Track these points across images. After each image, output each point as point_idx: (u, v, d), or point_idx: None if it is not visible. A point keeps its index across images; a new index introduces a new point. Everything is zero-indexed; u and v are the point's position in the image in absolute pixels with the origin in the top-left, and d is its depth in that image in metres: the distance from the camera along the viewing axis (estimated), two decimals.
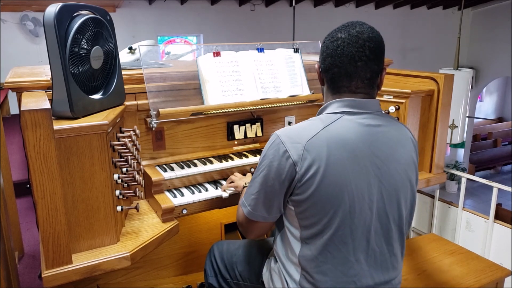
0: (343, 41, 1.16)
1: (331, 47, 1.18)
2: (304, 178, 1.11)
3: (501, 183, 3.40)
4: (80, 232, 1.35)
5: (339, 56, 1.16)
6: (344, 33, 1.17)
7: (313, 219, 1.14)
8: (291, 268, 1.24)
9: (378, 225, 1.17)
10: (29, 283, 2.42)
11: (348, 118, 1.16)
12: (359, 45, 1.15)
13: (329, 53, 1.18)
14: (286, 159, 1.12)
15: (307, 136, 1.12)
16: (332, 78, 1.20)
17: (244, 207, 1.27)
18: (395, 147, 1.19)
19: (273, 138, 1.18)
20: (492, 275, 1.83)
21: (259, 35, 7.26)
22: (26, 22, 5.91)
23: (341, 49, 1.16)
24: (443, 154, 2.20)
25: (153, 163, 1.83)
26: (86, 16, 1.38)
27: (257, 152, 2.03)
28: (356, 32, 1.16)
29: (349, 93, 1.19)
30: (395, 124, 1.25)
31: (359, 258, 1.15)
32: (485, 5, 9.30)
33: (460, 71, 3.58)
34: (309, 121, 1.20)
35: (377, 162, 1.15)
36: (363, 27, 1.17)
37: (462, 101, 3.52)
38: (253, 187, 1.23)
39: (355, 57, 1.15)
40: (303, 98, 2.07)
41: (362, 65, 1.16)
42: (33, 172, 1.18)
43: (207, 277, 1.63)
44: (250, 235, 1.34)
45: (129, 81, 1.75)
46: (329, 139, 1.12)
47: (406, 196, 1.22)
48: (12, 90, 1.56)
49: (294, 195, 1.15)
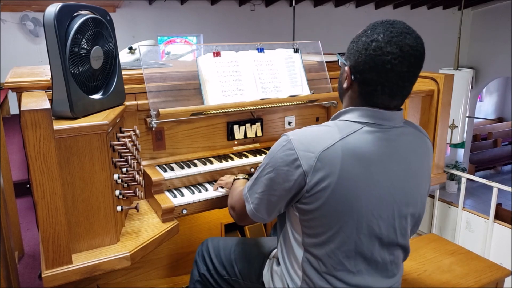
0: (395, 57, 1.02)
1: (378, 61, 1.04)
2: (313, 189, 1.06)
3: (501, 183, 3.40)
4: (80, 232, 1.35)
5: (386, 73, 1.04)
6: (395, 46, 1.02)
7: (317, 230, 1.11)
8: (293, 272, 1.23)
9: (384, 239, 1.14)
10: (29, 283, 2.42)
11: (369, 130, 1.08)
12: (411, 64, 1.04)
13: (374, 66, 1.04)
14: (296, 167, 1.06)
15: (322, 146, 1.05)
16: (371, 93, 1.09)
17: (247, 203, 1.23)
18: (412, 161, 1.14)
19: (284, 140, 1.10)
20: (492, 275, 1.83)
21: (259, 35, 7.26)
22: (26, 22, 5.91)
23: (391, 66, 1.03)
24: (443, 154, 2.20)
25: (153, 163, 1.83)
26: (86, 16, 1.38)
27: (257, 152, 2.03)
28: (409, 48, 1.03)
29: (384, 108, 1.10)
30: (416, 134, 1.18)
31: (361, 269, 1.14)
32: (485, 5, 9.30)
33: (460, 71, 3.58)
34: (325, 127, 1.11)
35: (392, 178, 1.10)
36: (415, 40, 1.04)
37: (462, 101, 3.52)
38: (258, 185, 1.18)
39: (405, 78, 1.05)
40: (303, 98, 2.07)
41: (408, 85, 1.07)
42: (33, 172, 1.18)
43: (198, 269, 1.60)
44: (242, 223, 1.34)
45: (129, 81, 1.75)
46: (345, 152, 1.04)
47: (415, 209, 1.19)
48: (12, 90, 1.56)
49: (301, 203, 1.10)
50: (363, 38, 1.08)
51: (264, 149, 2.08)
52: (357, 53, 1.08)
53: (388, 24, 1.06)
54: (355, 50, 1.09)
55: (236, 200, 1.32)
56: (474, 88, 9.65)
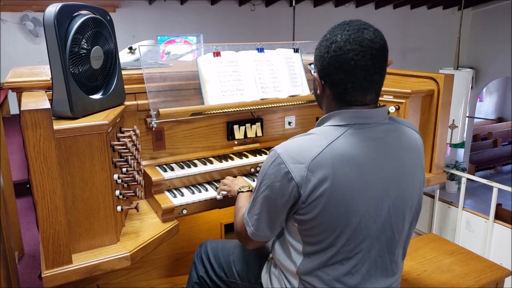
0: (356, 53, 1.04)
1: (341, 61, 1.06)
2: (309, 199, 1.06)
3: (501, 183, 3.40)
4: (80, 232, 1.35)
5: (352, 70, 1.06)
6: (354, 43, 1.05)
7: (317, 237, 1.11)
8: (290, 276, 1.24)
9: (383, 237, 1.14)
10: (29, 283, 2.42)
11: (354, 132, 1.09)
12: (373, 56, 1.05)
13: (338, 67, 1.07)
14: (289, 180, 1.06)
15: (310, 155, 1.05)
16: (343, 93, 1.10)
17: (248, 227, 1.23)
18: (403, 157, 1.15)
19: (273, 156, 1.11)
20: (492, 275, 1.83)
21: (259, 35, 7.27)
22: (26, 22, 5.91)
23: (354, 63, 1.05)
24: (443, 154, 2.20)
25: (153, 163, 1.83)
26: (86, 16, 1.38)
27: (257, 152, 2.03)
28: (368, 42, 1.05)
29: (361, 105, 1.11)
30: (403, 129, 1.19)
31: (360, 269, 1.14)
32: (485, 5, 9.30)
33: (460, 71, 3.58)
34: (311, 135, 1.12)
35: (385, 176, 1.10)
36: (373, 33, 1.07)
37: (462, 101, 3.52)
38: (255, 207, 1.19)
39: (371, 71, 1.06)
40: (303, 98, 2.07)
41: (377, 77, 1.09)
42: (33, 172, 1.18)
43: (197, 271, 1.60)
44: (249, 247, 1.32)
45: (129, 81, 1.75)
46: (334, 157, 1.05)
47: (412, 205, 1.19)
48: (12, 90, 1.56)
49: (298, 214, 1.11)
50: (324, 43, 1.11)
51: (264, 149, 2.08)
52: (321, 58, 1.11)
53: (344, 24, 1.09)
54: (319, 55, 1.13)
55: (241, 226, 1.31)
56: (474, 88, 9.65)
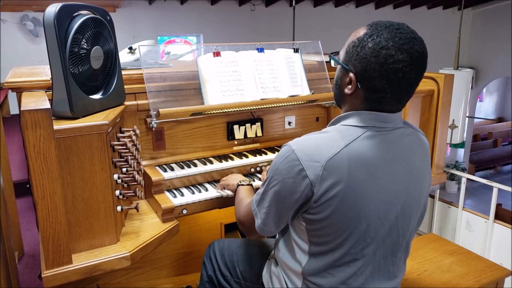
0: (406, 65, 1.00)
1: (390, 70, 1.01)
2: (321, 199, 1.04)
3: (501, 183, 3.41)
4: (80, 232, 1.35)
5: (398, 81, 1.02)
6: (406, 54, 1.00)
7: (326, 238, 1.10)
8: (293, 276, 1.23)
9: (388, 240, 1.14)
10: (29, 283, 2.42)
11: (372, 134, 1.07)
12: (419, 69, 1.02)
13: (385, 75, 1.01)
14: (303, 178, 1.04)
15: (327, 154, 1.02)
16: (379, 100, 1.06)
17: (256, 219, 1.21)
18: (414, 161, 1.14)
19: (286, 151, 1.08)
20: (492, 275, 1.83)
21: (259, 35, 7.26)
22: (26, 22, 5.91)
23: (402, 74, 1.01)
24: (443, 154, 2.20)
25: (153, 163, 1.83)
26: (86, 16, 1.38)
27: (257, 152, 2.03)
28: (418, 55, 1.01)
29: (389, 112, 1.09)
30: (415, 133, 1.19)
31: (364, 271, 1.14)
32: (485, 5, 9.30)
33: (460, 71, 3.59)
34: (327, 134, 1.09)
35: (396, 180, 1.10)
36: (421, 44, 1.03)
37: (462, 101, 3.52)
38: (265, 200, 1.17)
39: (413, 83, 1.04)
40: (303, 98, 2.07)
41: (414, 89, 1.07)
42: (33, 172, 1.18)
43: (206, 270, 1.61)
44: (251, 237, 1.32)
45: (129, 81, 1.75)
46: (351, 159, 1.03)
47: (418, 209, 1.19)
48: (12, 90, 1.56)
49: (308, 214, 1.09)
50: (369, 44, 1.03)
51: (264, 149, 2.08)
52: (364, 60, 1.04)
53: (394, 29, 1.03)
54: (362, 56, 1.04)
55: (245, 216, 1.30)
56: (474, 88, 9.65)
